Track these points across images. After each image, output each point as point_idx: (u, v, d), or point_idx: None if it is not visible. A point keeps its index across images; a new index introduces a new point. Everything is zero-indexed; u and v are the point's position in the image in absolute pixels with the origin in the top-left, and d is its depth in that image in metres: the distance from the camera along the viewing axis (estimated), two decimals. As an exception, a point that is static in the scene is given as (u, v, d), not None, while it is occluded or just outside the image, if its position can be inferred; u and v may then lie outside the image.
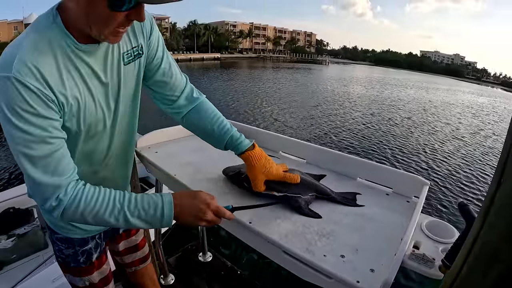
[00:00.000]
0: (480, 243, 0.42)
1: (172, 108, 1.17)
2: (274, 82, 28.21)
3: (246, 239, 1.05)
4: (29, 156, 0.76)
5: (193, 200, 0.90)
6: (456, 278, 0.46)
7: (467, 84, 68.34)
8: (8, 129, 0.74)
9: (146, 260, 1.56)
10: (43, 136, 0.76)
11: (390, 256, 0.83)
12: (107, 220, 0.83)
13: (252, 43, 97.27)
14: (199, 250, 2.53)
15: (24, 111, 0.72)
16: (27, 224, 3.16)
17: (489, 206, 0.41)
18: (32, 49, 0.74)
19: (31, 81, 0.72)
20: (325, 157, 1.44)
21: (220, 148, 1.16)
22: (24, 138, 0.74)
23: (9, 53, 0.74)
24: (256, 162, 1.10)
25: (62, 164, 0.81)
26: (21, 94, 0.71)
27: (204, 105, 1.17)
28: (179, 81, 1.14)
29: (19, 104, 0.72)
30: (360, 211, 1.09)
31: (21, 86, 0.71)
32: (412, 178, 1.19)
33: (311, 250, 0.88)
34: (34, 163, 0.77)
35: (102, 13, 0.73)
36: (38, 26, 0.78)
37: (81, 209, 0.81)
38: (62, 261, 1.21)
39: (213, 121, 1.14)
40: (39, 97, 0.74)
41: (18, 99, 0.71)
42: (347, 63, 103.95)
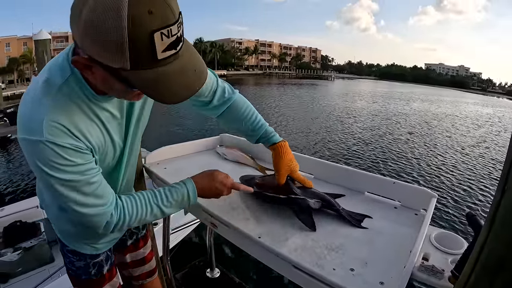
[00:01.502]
0: (486, 251, 0.42)
1: (206, 109, 1.24)
2: (280, 98, 28.39)
3: (255, 254, 1.05)
4: (74, 198, 0.82)
5: (211, 182, 1.05)
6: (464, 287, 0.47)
7: (472, 95, 68.16)
8: (50, 182, 0.79)
9: (153, 274, 1.55)
10: (84, 179, 0.82)
11: (399, 268, 0.83)
12: (148, 219, 0.96)
13: (258, 59, 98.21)
14: (207, 266, 2.52)
15: (64, 166, 0.77)
16: (33, 238, 3.19)
17: (494, 215, 0.41)
18: (55, 109, 0.76)
19: (63, 139, 0.76)
20: (333, 172, 1.45)
21: (253, 142, 1.28)
22: (69, 185, 0.80)
23: (33, 115, 0.76)
24: (284, 154, 1.19)
25: (104, 193, 0.88)
26: (58, 153, 0.76)
27: (237, 104, 1.24)
28: (208, 85, 1.17)
29: (57, 161, 0.76)
30: (369, 225, 1.09)
31: (55, 146, 0.75)
32: (420, 191, 1.19)
33: (321, 264, 0.88)
34: (80, 202, 0.83)
35: (121, 89, 0.74)
36: (55, 80, 0.78)
37: (127, 221, 0.92)
38: (73, 273, 1.21)
39: (246, 119, 1.24)
40: (74, 151, 0.78)
41: (56, 157, 0.76)
42: (352, 78, 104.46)
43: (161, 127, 12.56)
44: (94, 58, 0.66)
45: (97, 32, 0.61)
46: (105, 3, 0.59)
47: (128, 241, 1.41)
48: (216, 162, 1.71)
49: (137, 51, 0.62)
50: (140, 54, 0.63)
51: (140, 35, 0.60)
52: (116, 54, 0.62)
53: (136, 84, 0.68)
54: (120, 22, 0.59)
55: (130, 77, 0.66)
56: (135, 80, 0.67)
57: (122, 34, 0.59)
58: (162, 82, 0.68)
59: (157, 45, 0.62)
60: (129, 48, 0.61)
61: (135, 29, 0.59)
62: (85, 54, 0.67)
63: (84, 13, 0.61)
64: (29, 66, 48.69)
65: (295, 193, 1.14)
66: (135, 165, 1.21)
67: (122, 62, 0.63)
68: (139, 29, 0.60)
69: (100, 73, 0.70)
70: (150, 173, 1.56)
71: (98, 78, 0.73)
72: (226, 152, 1.74)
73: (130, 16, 0.58)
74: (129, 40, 0.60)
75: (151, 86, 0.68)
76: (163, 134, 4.61)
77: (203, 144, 1.91)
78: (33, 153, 0.76)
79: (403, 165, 10.07)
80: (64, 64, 0.79)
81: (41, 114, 0.75)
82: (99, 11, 0.59)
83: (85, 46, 0.66)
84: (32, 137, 0.74)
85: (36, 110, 0.76)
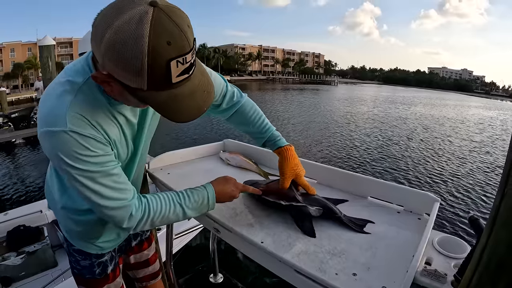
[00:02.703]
0: (487, 254, 0.43)
1: (216, 112, 1.30)
2: (283, 103, 28.37)
3: (258, 259, 1.05)
4: (97, 190, 0.84)
5: (225, 185, 1.09)
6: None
7: (476, 99, 67.77)
8: (72, 173, 0.81)
9: (157, 276, 1.56)
10: (106, 170, 0.84)
11: (402, 273, 0.83)
12: (171, 218, 0.98)
13: (261, 65, 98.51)
14: (210, 271, 2.52)
15: (86, 156, 0.80)
16: (37, 242, 3.19)
17: (495, 217, 0.41)
18: (77, 103, 0.80)
19: (86, 130, 0.80)
20: (335, 177, 1.45)
21: (259, 145, 1.32)
22: (90, 176, 0.82)
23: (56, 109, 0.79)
24: (289, 158, 1.21)
25: (125, 187, 0.90)
26: (80, 143, 0.79)
27: (245, 107, 1.29)
28: (218, 89, 1.21)
29: (79, 151, 0.79)
30: (372, 230, 1.09)
31: (78, 136, 0.78)
32: (423, 195, 1.18)
33: (323, 268, 0.88)
34: (103, 195, 0.85)
35: (138, 104, 0.81)
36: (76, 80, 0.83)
37: (151, 217, 0.94)
38: (78, 272, 1.23)
39: (253, 122, 1.28)
40: (95, 141, 0.82)
41: (78, 147, 0.79)
42: (355, 83, 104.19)
43: (164, 132, 12.61)
44: (113, 76, 0.72)
45: (119, 56, 0.66)
46: (128, 31, 0.64)
47: (132, 242, 1.43)
48: (219, 168, 1.72)
49: (154, 76, 0.68)
50: (157, 79, 0.69)
51: (158, 63, 0.66)
52: (135, 76, 0.68)
53: (150, 103, 0.74)
54: (141, 51, 0.64)
55: (145, 96, 0.73)
56: (150, 99, 0.73)
57: (142, 62, 0.65)
58: (174, 103, 0.74)
59: (173, 71, 0.69)
60: (147, 73, 0.67)
61: (154, 58, 0.65)
62: (105, 70, 0.72)
63: (107, 36, 0.66)
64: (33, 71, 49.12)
65: (296, 200, 1.14)
66: (142, 170, 1.24)
67: (140, 84, 0.69)
68: (158, 57, 0.66)
69: (118, 88, 0.75)
70: (153, 178, 1.56)
71: (115, 92, 0.78)
72: (229, 157, 1.75)
73: (151, 46, 0.64)
74: (148, 66, 0.66)
75: (164, 106, 0.75)
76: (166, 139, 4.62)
77: (206, 150, 1.91)
78: (56, 145, 0.78)
79: (406, 170, 10.03)
80: (84, 67, 0.84)
81: (64, 107, 0.79)
82: (122, 38, 0.64)
83: (105, 65, 0.71)
84: (55, 128, 0.77)
85: (58, 105, 0.79)
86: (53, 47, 7.96)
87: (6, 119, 11.10)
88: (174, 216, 0.98)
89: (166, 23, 0.66)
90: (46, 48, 7.70)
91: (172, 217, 0.98)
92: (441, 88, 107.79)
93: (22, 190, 7.62)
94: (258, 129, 1.29)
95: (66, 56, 56.85)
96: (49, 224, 3.55)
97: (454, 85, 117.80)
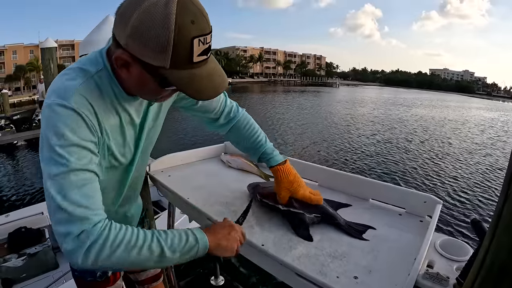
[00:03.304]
0: (490, 258, 0.42)
1: (214, 126, 1.31)
2: (285, 105, 28.40)
3: (259, 262, 1.05)
4: (61, 183, 0.74)
5: (227, 242, 0.91)
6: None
7: (478, 100, 67.77)
8: (48, 154, 0.76)
9: (158, 279, 1.56)
10: (80, 165, 0.77)
11: (404, 276, 0.82)
12: (140, 252, 0.76)
13: (262, 67, 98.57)
14: (211, 274, 2.51)
15: (70, 140, 0.76)
16: (38, 244, 3.20)
17: (497, 221, 0.41)
18: (86, 88, 0.81)
19: (87, 113, 0.80)
20: (337, 179, 1.44)
21: (256, 160, 1.29)
22: (62, 163, 0.75)
23: (67, 85, 0.80)
24: (283, 177, 1.18)
25: (93, 198, 0.78)
26: (75, 122, 0.78)
27: (241, 123, 1.29)
28: (217, 103, 1.24)
29: (68, 131, 0.76)
30: (373, 233, 1.09)
31: (77, 115, 0.78)
32: (425, 197, 1.18)
33: (324, 272, 0.88)
34: (65, 190, 0.74)
35: (153, 87, 0.81)
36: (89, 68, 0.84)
37: (111, 241, 0.74)
38: (79, 275, 1.23)
39: (249, 137, 1.27)
40: (89, 129, 0.80)
41: (70, 126, 0.77)
42: (357, 85, 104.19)
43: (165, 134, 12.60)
44: (136, 57, 0.74)
45: (146, 34, 0.70)
46: (156, 11, 0.69)
47: None
48: (220, 170, 1.72)
49: (178, 53, 0.71)
50: (180, 56, 0.72)
51: (183, 39, 0.70)
52: (160, 54, 0.71)
53: (172, 81, 0.76)
54: (168, 27, 0.68)
55: (167, 75, 0.75)
56: (172, 78, 0.75)
57: (169, 37, 0.69)
58: (194, 82, 0.77)
59: (195, 50, 0.73)
60: (172, 50, 0.70)
61: (179, 34, 0.69)
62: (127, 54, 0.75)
63: (135, 16, 0.70)
64: (35, 73, 49.26)
65: (294, 206, 1.14)
66: (142, 175, 1.24)
67: (164, 61, 0.72)
68: (183, 34, 0.70)
69: (137, 71, 0.78)
70: (154, 180, 1.56)
71: (133, 76, 0.80)
72: (230, 160, 1.75)
73: (177, 23, 0.69)
74: (173, 43, 0.70)
75: (185, 84, 0.77)
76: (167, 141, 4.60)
77: (207, 152, 1.91)
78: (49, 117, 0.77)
79: (407, 172, 10.01)
80: (97, 58, 0.86)
81: (73, 88, 0.79)
82: (150, 16, 0.69)
83: (130, 45, 0.74)
84: (57, 100, 0.77)
85: (68, 85, 0.80)
86: (54, 50, 7.98)
87: (8, 121, 11.14)
88: (146, 251, 0.77)
89: (190, 5, 0.71)
90: (48, 50, 7.72)
91: (144, 252, 0.77)
92: (443, 90, 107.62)
93: (24, 192, 7.64)
94: (253, 145, 1.27)
95: (68, 58, 56.90)
96: (50, 226, 3.54)
97: (456, 86, 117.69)
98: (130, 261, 0.76)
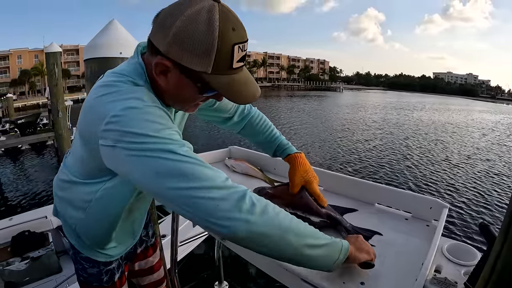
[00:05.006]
0: (501, 263, 0.41)
1: (228, 125, 1.35)
2: (289, 110, 28.47)
3: (263, 267, 1.04)
4: (191, 169, 0.72)
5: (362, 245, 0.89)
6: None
7: (482, 103, 67.64)
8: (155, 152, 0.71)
9: (161, 284, 1.54)
10: (189, 146, 0.79)
11: (411, 281, 0.81)
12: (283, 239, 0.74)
13: (266, 72, 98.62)
14: (215, 279, 2.49)
15: (183, 152, 0.74)
16: (41, 248, 3.21)
17: (508, 225, 0.40)
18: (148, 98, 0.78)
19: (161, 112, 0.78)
20: (342, 183, 1.43)
21: (270, 154, 1.36)
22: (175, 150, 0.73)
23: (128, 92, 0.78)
24: (299, 166, 1.22)
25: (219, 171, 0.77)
26: (164, 116, 0.78)
27: (255, 119, 1.35)
28: (231, 103, 1.27)
29: (174, 144, 0.74)
30: (379, 237, 1.08)
31: (160, 111, 0.78)
32: (431, 202, 1.17)
33: (330, 277, 0.87)
34: (201, 173, 0.72)
35: (190, 94, 0.84)
36: (138, 81, 0.82)
37: (270, 214, 0.73)
38: (84, 280, 1.21)
39: (263, 132, 1.34)
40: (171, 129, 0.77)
41: (162, 119, 0.77)
42: (361, 89, 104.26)
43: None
44: (177, 62, 0.76)
45: (190, 39, 0.72)
46: (200, 18, 0.71)
47: (138, 248, 1.41)
48: (224, 174, 1.70)
49: (220, 58, 0.74)
50: (222, 61, 0.75)
51: (226, 45, 0.73)
52: (204, 58, 0.73)
53: (214, 86, 0.78)
54: (213, 33, 0.71)
55: (209, 80, 0.77)
56: (213, 82, 0.77)
57: (213, 43, 0.72)
58: (234, 86, 0.80)
59: (235, 56, 0.76)
60: (215, 55, 0.73)
61: (222, 40, 0.72)
62: (168, 61, 0.76)
63: (178, 23, 0.72)
64: (40, 78, 49.61)
65: (302, 210, 1.13)
66: None
67: (206, 66, 0.74)
68: (225, 40, 0.73)
69: (175, 77, 0.80)
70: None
71: (172, 83, 0.81)
72: (235, 164, 1.74)
73: (220, 30, 0.72)
74: (217, 48, 0.72)
75: (225, 89, 0.79)
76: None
77: (211, 157, 1.90)
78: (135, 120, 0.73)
79: (414, 175, 9.98)
80: (138, 69, 0.85)
81: (140, 92, 0.79)
82: (194, 23, 0.72)
83: (171, 52, 0.75)
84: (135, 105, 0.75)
85: (133, 89, 0.80)
86: (59, 54, 8.03)
87: (12, 125, 11.22)
88: (292, 235, 0.74)
89: (230, 14, 0.75)
90: (53, 55, 7.77)
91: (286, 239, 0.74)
92: (447, 93, 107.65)
93: (27, 195, 7.68)
94: (267, 139, 1.33)
95: (73, 63, 57.35)
96: (54, 230, 3.56)
97: (460, 89, 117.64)
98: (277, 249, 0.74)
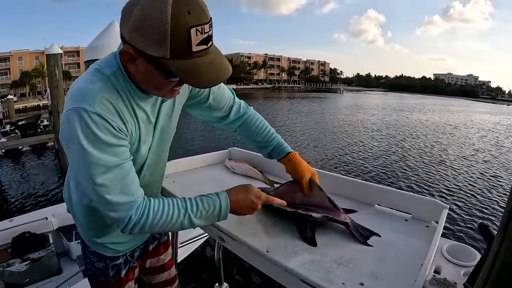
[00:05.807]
0: (499, 264, 0.41)
1: (224, 124, 1.36)
2: (289, 111, 28.46)
3: (263, 268, 1.03)
4: (103, 182, 0.84)
5: (246, 194, 1.02)
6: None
7: (482, 104, 67.45)
8: (83, 158, 0.82)
9: (173, 283, 1.53)
10: (116, 162, 0.86)
11: (410, 282, 0.81)
12: (174, 225, 0.93)
13: (267, 73, 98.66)
14: (215, 280, 2.49)
15: (102, 143, 0.82)
16: (42, 249, 3.21)
17: (506, 225, 0.40)
18: (106, 90, 0.86)
19: (110, 117, 0.85)
20: (342, 185, 1.43)
21: (265, 155, 1.36)
22: (101, 164, 0.83)
23: (86, 90, 0.84)
24: (300, 162, 1.25)
25: (133, 184, 0.90)
26: (104, 126, 0.83)
27: (251, 118, 1.34)
28: (226, 101, 1.29)
29: (100, 136, 0.82)
30: (379, 239, 1.07)
31: (102, 120, 0.82)
32: (431, 203, 1.17)
33: (330, 278, 0.87)
34: (109, 187, 0.85)
35: (159, 80, 0.85)
36: (105, 71, 0.89)
37: (150, 220, 0.89)
38: (92, 274, 1.24)
39: (260, 132, 1.33)
40: (115, 130, 0.85)
41: (100, 132, 0.82)
42: (361, 91, 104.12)
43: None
44: (139, 49, 0.78)
45: (145, 25, 0.74)
46: (154, 4, 0.72)
47: (150, 245, 1.42)
48: (224, 176, 1.71)
49: (176, 42, 0.74)
50: (179, 46, 0.75)
51: (180, 29, 0.73)
52: (160, 44, 0.74)
53: (174, 71, 0.79)
54: (165, 18, 0.72)
55: (169, 65, 0.78)
56: (173, 67, 0.78)
57: (165, 28, 0.72)
58: (195, 71, 0.80)
59: (193, 39, 0.75)
60: (170, 40, 0.74)
61: (176, 24, 0.73)
62: (132, 48, 0.79)
63: (135, 11, 0.75)
64: (41, 79, 49.65)
65: (302, 208, 1.14)
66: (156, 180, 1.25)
67: (163, 52, 0.75)
68: (179, 24, 0.73)
69: (142, 65, 0.82)
70: (158, 186, 1.56)
71: (140, 70, 0.84)
72: (235, 165, 1.74)
73: (173, 13, 0.72)
74: (171, 33, 0.73)
75: (186, 73, 0.79)
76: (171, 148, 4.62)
77: (211, 158, 1.91)
78: (77, 124, 0.80)
79: (413, 177, 9.96)
80: (112, 60, 0.91)
81: (94, 90, 0.84)
82: (148, 9, 0.73)
83: (133, 39, 0.78)
84: (82, 105, 0.81)
85: (89, 88, 0.85)
86: (60, 56, 8.05)
87: (13, 127, 11.23)
88: (178, 224, 0.93)
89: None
90: (53, 56, 7.79)
91: (176, 225, 0.93)
92: (447, 94, 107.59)
93: (28, 197, 7.68)
94: (264, 139, 1.32)
95: (73, 65, 57.37)
96: (54, 231, 3.56)
97: (460, 91, 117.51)
98: (162, 230, 0.97)
